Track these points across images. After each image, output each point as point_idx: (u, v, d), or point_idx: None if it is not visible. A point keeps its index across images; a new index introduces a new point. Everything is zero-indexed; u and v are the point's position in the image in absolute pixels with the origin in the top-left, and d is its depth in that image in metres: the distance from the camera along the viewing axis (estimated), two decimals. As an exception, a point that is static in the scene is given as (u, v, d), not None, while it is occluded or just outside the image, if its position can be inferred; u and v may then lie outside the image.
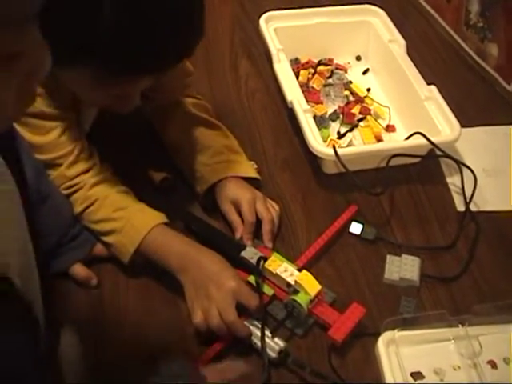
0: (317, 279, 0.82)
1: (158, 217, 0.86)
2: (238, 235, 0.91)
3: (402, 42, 1.18)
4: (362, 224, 0.94)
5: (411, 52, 1.17)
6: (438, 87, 1.08)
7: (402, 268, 0.88)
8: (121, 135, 1.04)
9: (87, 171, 0.87)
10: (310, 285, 0.81)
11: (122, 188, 0.89)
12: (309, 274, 0.82)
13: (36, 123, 0.85)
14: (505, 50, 1.19)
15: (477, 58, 1.27)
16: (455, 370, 0.79)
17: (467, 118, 1.09)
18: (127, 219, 0.84)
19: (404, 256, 0.90)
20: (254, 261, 0.85)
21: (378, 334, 0.80)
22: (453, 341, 0.82)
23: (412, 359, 0.79)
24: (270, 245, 0.90)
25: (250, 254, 0.86)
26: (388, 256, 0.91)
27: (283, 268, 0.84)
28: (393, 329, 0.80)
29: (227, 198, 0.93)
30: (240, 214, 0.92)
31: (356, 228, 0.94)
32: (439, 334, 0.81)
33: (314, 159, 1.03)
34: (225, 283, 0.79)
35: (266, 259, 0.85)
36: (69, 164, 0.86)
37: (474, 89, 1.23)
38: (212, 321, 0.78)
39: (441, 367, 0.79)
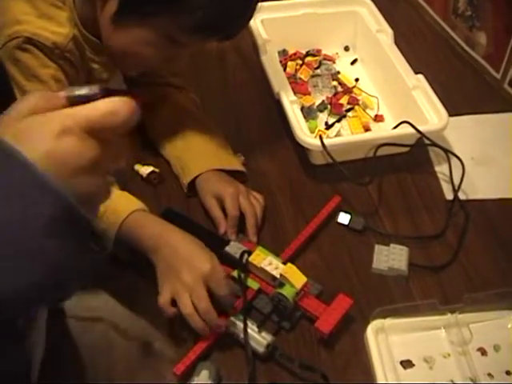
0: (305, 270, 0.82)
1: (139, 203, 0.84)
2: (221, 230, 0.90)
3: (390, 31, 1.18)
4: (350, 214, 0.94)
5: (399, 41, 1.17)
6: (426, 76, 1.07)
7: (391, 257, 0.88)
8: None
9: None
10: (295, 277, 0.80)
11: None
12: (294, 266, 0.82)
13: None
14: (493, 38, 1.19)
15: (465, 47, 1.27)
16: (445, 357, 0.79)
17: (456, 106, 1.09)
18: (108, 205, 0.82)
19: (392, 245, 0.90)
20: (238, 255, 0.84)
21: (366, 324, 0.80)
22: (443, 329, 0.82)
23: (401, 347, 0.79)
24: (254, 239, 0.89)
25: (235, 248, 0.86)
26: (376, 246, 0.90)
27: (268, 261, 0.83)
28: (382, 318, 0.80)
29: (210, 193, 0.92)
30: (223, 208, 0.91)
31: (344, 218, 0.94)
32: (429, 322, 0.81)
33: (301, 150, 1.03)
34: (197, 266, 0.77)
35: (250, 253, 0.84)
36: None
37: (462, 77, 1.23)
38: (184, 309, 0.75)
39: (431, 355, 0.79)
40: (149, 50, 0.85)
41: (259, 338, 0.77)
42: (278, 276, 0.81)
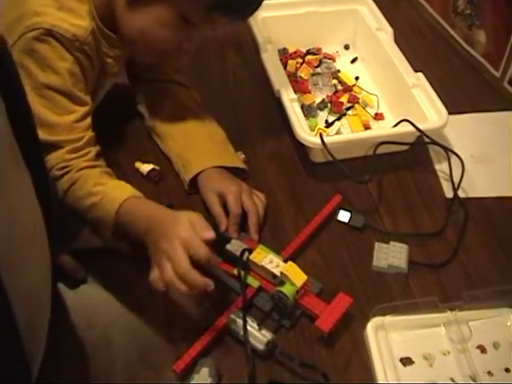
0: (305, 268, 0.82)
1: (135, 191, 0.83)
2: (222, 228, 0.89)
3: (390, 30, 1.18)
4: (350, 212, 0.94)
5: (399, 40, 1.17)
6: (426, 74, 1.07)
7: (390, 255, 0.88)
8: (109, 127, 1.04)
9: (83, 156, 0.86)
10: (295, 276, 0.80)
11: (108, 170, 0.88)
12: (294, 264, 0.82)
13: (60, 101, 0.84)
14: (492, 36, 1.19)
15: (465, 45, 1.27)
16: (444, 355, 0.79)
17: (455, 104, 1.09)
18: (105, 193, 0.82)
19: (392, 243, 0.90)
20: (239, 253, 0.84)
21: (366, 321, 0.80)
22: (442, 326, 0.82)
23: (401, 345, 0.80)
24: (256, 237, 0.89)
25: (236, 246, 0.86)
26: (376, 243, 0.90)
27: (268, 260, 0.83)
28: (382, 315, 0.80)
29: (211, 190, 0.92)
30: (224, 205, 0.91)
31: (344, 216, 0.94)
32: (429, 320, 0.82)
33: (301, 148, 1.03)
34: (175, 234, 0.74)
35: (250, 251, 0.84)
36: (72, 149, 0.85)
37: (462, 75, 1.23)
38: (165, 275, 0.73)
39: (430, 352, 0.79)
40: (163, 32, 0.85)
41: (259, 336, 0.77)
42: (279, 274, 0.81)
